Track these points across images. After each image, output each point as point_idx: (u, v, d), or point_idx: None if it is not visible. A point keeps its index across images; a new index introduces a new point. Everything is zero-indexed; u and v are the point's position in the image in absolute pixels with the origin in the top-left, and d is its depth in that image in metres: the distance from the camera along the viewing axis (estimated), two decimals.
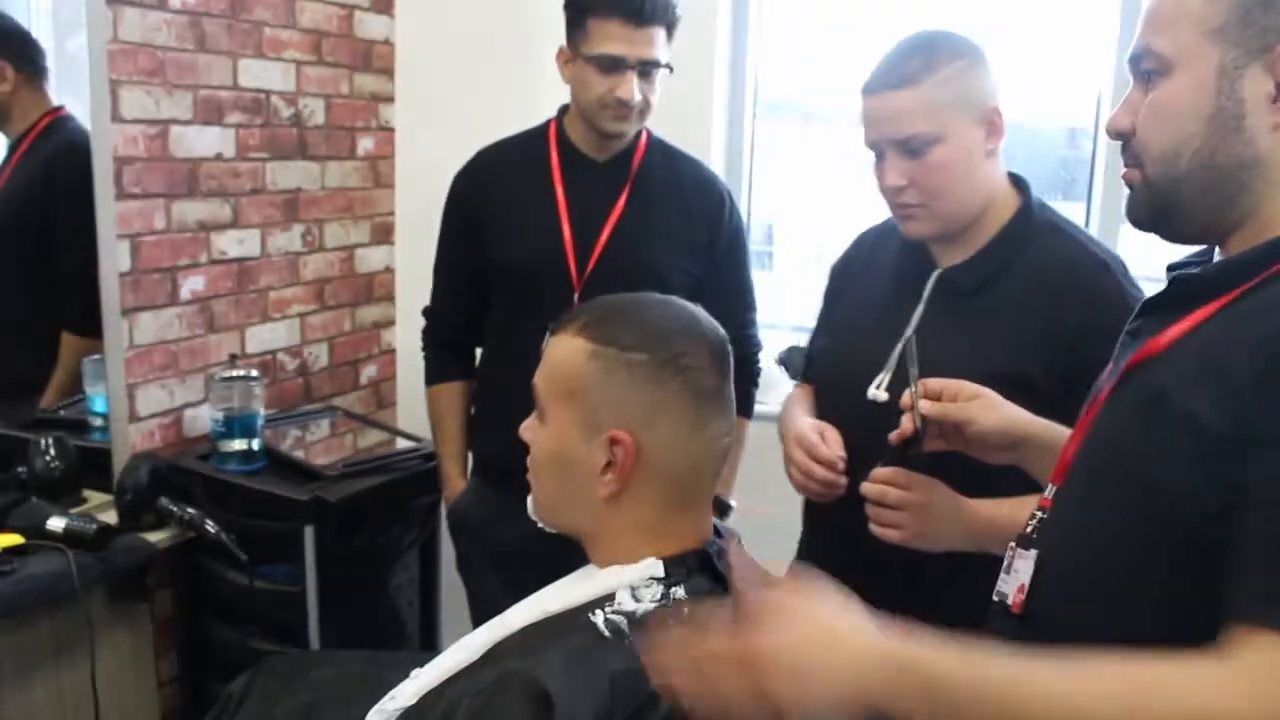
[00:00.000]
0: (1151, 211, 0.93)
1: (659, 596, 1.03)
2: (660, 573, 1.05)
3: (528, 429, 1.13)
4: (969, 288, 1.40)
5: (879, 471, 1.26)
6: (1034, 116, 2.52)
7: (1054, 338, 1.32)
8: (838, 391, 1.48)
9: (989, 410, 1.16)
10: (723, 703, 0.82)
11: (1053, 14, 2.45)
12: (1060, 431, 1.09)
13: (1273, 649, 0.72)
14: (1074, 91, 2.47)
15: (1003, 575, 1.00)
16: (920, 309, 1.42)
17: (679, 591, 1.04)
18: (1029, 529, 0.99)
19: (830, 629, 0.81)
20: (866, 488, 1.27)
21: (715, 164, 2.34)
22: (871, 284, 1.52)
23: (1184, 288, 0.92)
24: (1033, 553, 0.96)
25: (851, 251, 1.64)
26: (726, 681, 0.82)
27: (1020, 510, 1.04)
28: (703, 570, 1.08)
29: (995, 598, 1.00)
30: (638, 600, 1.02)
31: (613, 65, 1.74)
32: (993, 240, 1.40)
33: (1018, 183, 1.44)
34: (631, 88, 1.74)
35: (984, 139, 1.36)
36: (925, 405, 1.18)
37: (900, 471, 1.25)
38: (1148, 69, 0.91)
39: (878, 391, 1.40)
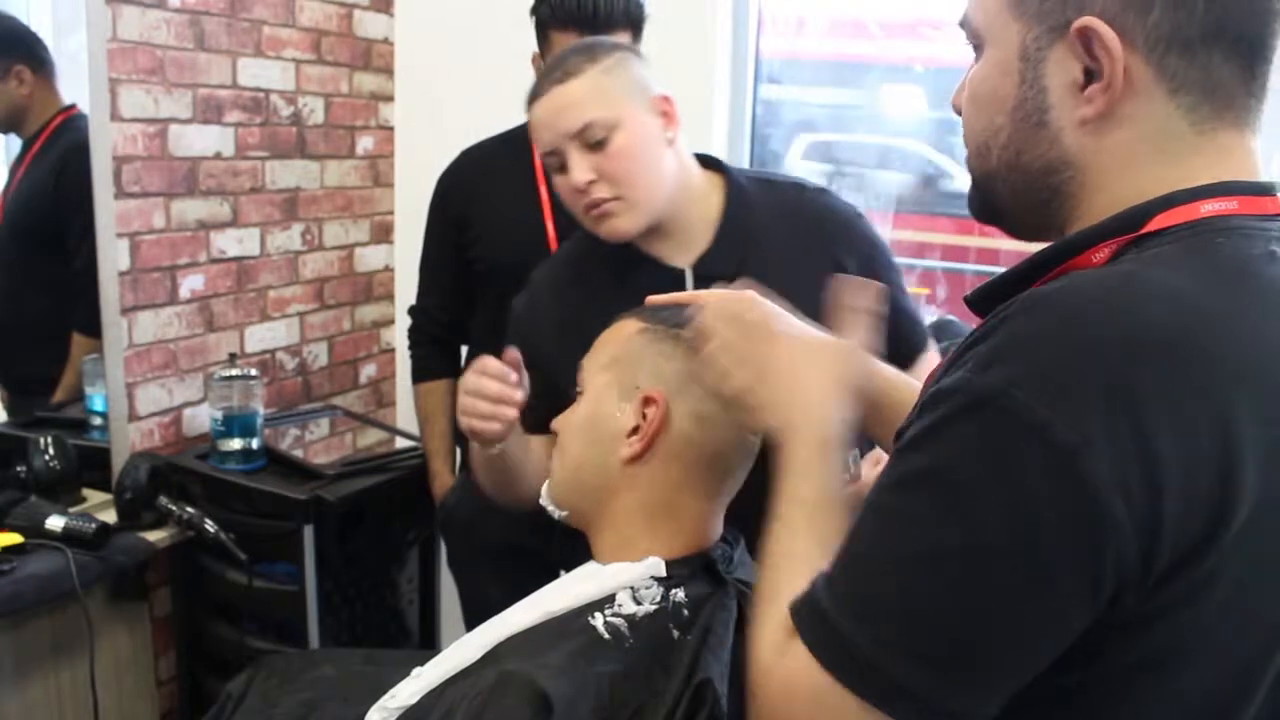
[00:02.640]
0: (980, 206, 0.81)
1: (658, 598, 1.03)
2: (662, 573, 1.05)
3: (559, 419, 1.15)
4: (730, 272, 1.28)
5: None
6: None
7: None
8: None
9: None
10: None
11: None
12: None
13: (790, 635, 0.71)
14: None
15: None
16: None
17: (679, 594, 1.04)
18: None
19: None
20: None
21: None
22: (591, 315, 1.28)
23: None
24: None
25: (526, 305, 1.47)
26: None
27: None
28: (705, 573, 1.08)
29: None
30: (638, 602, 1.03)
31: None
32: (723, 221, 1.38)
33: (709, 162, 1.44)
34: None
35: (661, 127, 1.35)
36: None
37: None
38: (970, 41, 0.79)
39: None
